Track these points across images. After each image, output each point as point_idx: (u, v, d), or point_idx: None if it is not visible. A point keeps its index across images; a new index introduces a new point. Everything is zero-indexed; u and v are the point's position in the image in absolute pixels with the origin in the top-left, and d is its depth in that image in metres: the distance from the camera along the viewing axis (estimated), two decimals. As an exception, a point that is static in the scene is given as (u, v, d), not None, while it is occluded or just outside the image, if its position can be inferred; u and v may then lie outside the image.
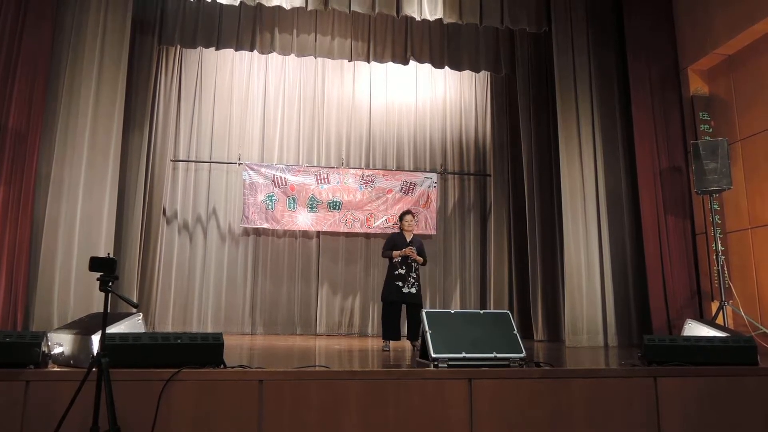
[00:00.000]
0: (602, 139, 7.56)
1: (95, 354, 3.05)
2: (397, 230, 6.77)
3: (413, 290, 6.26)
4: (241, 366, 3.62)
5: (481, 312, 4.18)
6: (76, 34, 6.85)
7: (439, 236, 9.57)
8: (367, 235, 9.38)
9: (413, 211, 7.04)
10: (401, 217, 6.51)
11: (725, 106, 7.16)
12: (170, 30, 8.35)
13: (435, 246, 9.47)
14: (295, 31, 8.50)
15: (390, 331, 6.16)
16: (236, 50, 8.44)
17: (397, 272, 6.29)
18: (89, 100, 6.76)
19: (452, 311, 4.15)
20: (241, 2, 7.39)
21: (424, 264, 6.40)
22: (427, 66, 9.02)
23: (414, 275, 6.30)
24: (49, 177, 6.52)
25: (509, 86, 9.52)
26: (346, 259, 9.31)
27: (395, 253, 6.26)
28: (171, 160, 8.94)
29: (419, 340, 6.20)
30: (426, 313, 4.02)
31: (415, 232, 6.74)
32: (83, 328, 3.88)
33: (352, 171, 9.40)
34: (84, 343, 3.66)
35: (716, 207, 6.87)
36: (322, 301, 9.07)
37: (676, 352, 4.09)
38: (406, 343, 6.53)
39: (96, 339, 3.62)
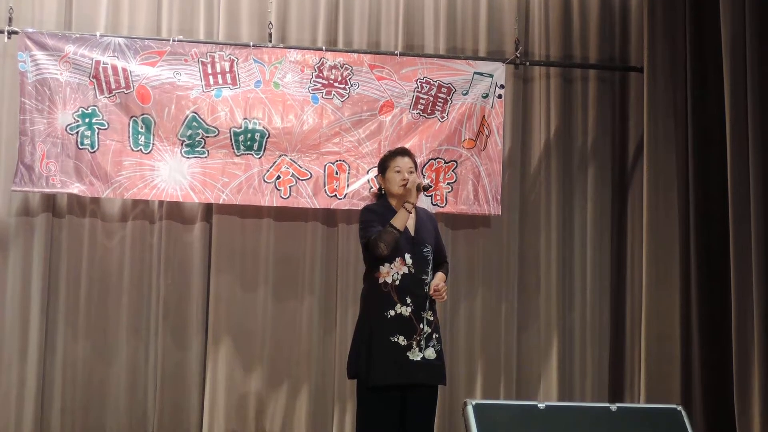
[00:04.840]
0: None
1: None
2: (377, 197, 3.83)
3: (430, 353, 3.47)
4: None
5: (613, 407, 2.94)
6: None
7: (508, 219, 5.36)
8: (329, 216, 5.21)
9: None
10: (386, 161, 3.59)
11: None
12: None
13: (495, 242, 5.50)
14: None
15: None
16: None
17: (392, 312, 3.35)
18: None
19: (540, 404, 2.88)
20: None
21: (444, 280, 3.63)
22: None
23: (431, 317, 3.52)
24: None
25: None
26: (277, 277, 5.16)
27: (394, 221, 3.46)
28: None
29: None
30: (474, 407, 2.86)
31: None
32: None
33: (293, 55, 4.96)
34: None
35: None
36: (215, 380, 5.10)
37: None
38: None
39: None
